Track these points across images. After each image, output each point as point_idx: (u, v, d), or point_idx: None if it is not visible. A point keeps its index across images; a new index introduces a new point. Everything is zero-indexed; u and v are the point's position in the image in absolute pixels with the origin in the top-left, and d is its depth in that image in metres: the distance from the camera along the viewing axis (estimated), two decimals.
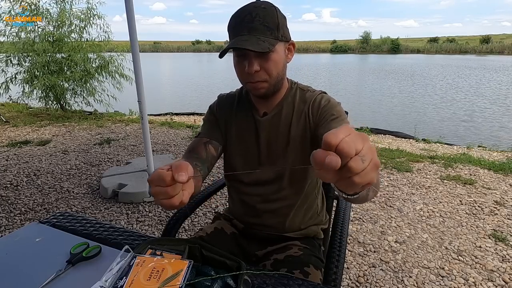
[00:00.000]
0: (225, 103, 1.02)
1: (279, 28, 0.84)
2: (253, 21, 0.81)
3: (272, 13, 0.83)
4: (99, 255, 0.77)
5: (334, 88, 13.25)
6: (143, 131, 2.68)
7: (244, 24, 0.81)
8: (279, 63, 0.86)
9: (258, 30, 0.81)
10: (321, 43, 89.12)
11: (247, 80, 0.87)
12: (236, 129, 0.99)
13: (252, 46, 0.78)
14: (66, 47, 5.84)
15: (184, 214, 1.12)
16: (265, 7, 0.83)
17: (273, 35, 0.82)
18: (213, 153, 0.95)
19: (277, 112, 0.95)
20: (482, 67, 22.81)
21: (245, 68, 0.84)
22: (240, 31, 0.82)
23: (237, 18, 0.83)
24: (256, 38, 0.80)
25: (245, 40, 0.79)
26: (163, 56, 56.34)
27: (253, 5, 0.83)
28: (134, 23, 2.40)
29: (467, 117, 7.60)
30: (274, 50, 0.82)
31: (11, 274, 0.72)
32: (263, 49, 0.79)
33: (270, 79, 0.86)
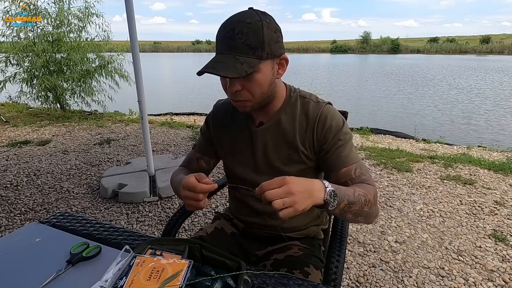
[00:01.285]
0: (220, 113, 1.01)
1: (264, 47, 0.76)
2: (235, 38, 0.74)
3: (257, 30, 0.74)
4: (99, 255, 0.77)
5: (334, 88, 13.26)
6: (143, 131, 2.68)
7: (226, 41, 0.76)
8: (264, 83, 0.80)
9: (238, 49, 0.74)
10: (321, 43, 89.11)
11: (230, 97, 0.85)
12: (231, 139, 0.98)
13: (226, 72, 0.73)
14: (65, 47, 5.84)
15: (184, 214, 1.13)
16: (250, 22, 0.74)
17: (255, 55, 0.75)
18: (205, 166, 1.05)
19: (274, 122, 0.91)
20: (482, 67, 22.78)
21: (227, 86, 0.81)
22: (221, 48, 0.77)
23: (222, 32, 0.77)
24: (234, 60, 0.74)
25: (221, 62, 0.75)
26: (163, 56, 56.34)
27: (238, 19, 0.75)
28: (134, 23, 2.40)
29: (467, 117, 7.60)
30: (258, 70, 0.77)
31: (11, 274, 0.72)
32: (239, 73, 0.73)
33: (253, 99, 0.82)
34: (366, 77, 17.99)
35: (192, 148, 1.08)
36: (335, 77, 17.72)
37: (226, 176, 1.09)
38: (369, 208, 0.80)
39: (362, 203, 0.78)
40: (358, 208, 0.77)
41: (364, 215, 0.81)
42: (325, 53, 69.15)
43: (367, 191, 0.80)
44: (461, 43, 65.74)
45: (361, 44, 70.61)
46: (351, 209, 0.76)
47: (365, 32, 73.37)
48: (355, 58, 43.38)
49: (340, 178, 0.85)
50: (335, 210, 0.73)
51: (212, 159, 1.05)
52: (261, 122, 0.92)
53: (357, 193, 0.77)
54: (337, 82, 15.56)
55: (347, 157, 0.86)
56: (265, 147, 0.92)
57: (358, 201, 0.77)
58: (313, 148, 0.89)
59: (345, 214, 0.76)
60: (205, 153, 1.04)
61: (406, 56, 47.15)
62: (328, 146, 0.87)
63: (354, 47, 70.87)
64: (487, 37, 69.43)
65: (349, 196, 0.75)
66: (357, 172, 0.85)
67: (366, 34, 72.78)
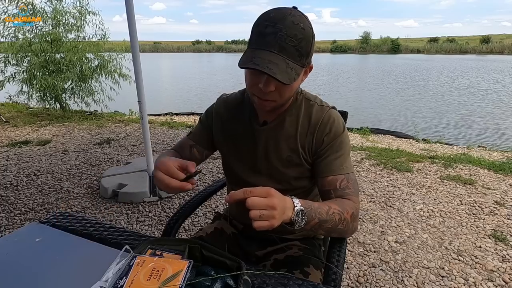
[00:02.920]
0: (224, 108, 0.99)
1: (308, 56, 0.77)
2: (287, 40, 0.72)
3: (309, 38, 0.74)
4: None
5: (334, 88, 13.25)
6: (143, 131, 2.68)
7: (277, 39, 0.72)
8: (295, 89, 0.82)
9: (289, 53, 0.73)
10: (321, 43, 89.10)
11: (256, 93, 0.80)
12: (233, 135, 0.97)
13: (281, 76, 0.71)
14: (64, 47, 5.84)
15: (184, 214, 1.12)
16: (304, 29, 0.73)
17: (301, 62, 0.76)
18: (197, 156, 1.01)
19: (278, 123, 0.90)
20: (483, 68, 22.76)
21: (258, 83, 0.76)
22: (270, 45, 0.72)
23: (271, 26, 0.72)
24: (285, 63, 0.72)
25: (275, 63, 0.71)
26: (163, 56, 56.33)
27: (292, 20, 0.72)
28: (134, 23, 2.40)
29: (467, 117, 7.60)
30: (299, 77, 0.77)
31: (11, 274, 0.72)
32: (290, 80, 0.73)
33: (280, 100, 0.82)
34: (366, 77, 17.99)
35: (187, 135, 1.04)
36: (335, 77, 17.72)
37: (225, 175, 1.09)
38: (344, 226, 0.79)
39: (336, 222, 0.77)
40: (331, 226, 0.77)
41: (338, 232, 0.81)
42: (325, 53, 69.16)
43: (343, 208, 0.79)
44: (461, 43, 65.73)
45: (361, 44, 70.60)
46: (322, 227, 0.76)
47: (365, 32, 73.42)
48: (355, 58, 43.38)
49: (324, 185, 0.85)
50: (305, 226, 0.72)
51: (205, 150, 1.02)
52: (265, 121, 0.92)
53: (332, 211, 0.76)
54: (337, 82, 15.56)
55: (338, 166, 0.85)
56: (266, 147, 0.92)
57: (331, 220, 0.76)
58: (311, 151, 0.89)
59: (317, 231, 0.78)
60: (199, 143, 1.01)
61: (406, 56, 47.15)
62: (322, 151, 0.87)
63: (354, 47, 70.88)
64: (487, 37, 69.42)
65: (322, 214, 0.74)
66: (343, 184, 0.84)
67: (366, 34, 72.78)
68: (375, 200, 2.72)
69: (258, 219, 0.63)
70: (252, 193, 0.65)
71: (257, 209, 0.63)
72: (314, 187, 0.98)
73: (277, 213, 0.65)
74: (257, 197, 0.64)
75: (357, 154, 3.86)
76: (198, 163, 1.00)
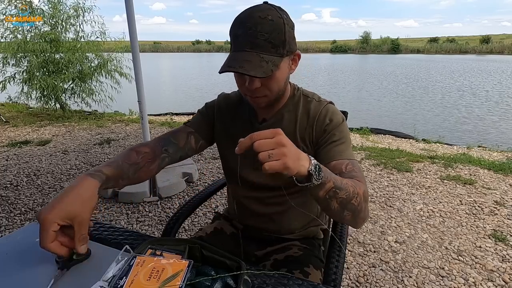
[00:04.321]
0: (225, 105, 1.00)
1: (285, 45, 0.77)
2: (257, 36, 0.74)
3: (279, 28, 0.75)
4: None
5: (334, 88, 13.25)
6: (143, 131, 2.68)
7: (248, 38, 0.74)
8: (281, 79, 0.82)
9: (262, 47, 0.74)
10: (321, 43, 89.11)
11: (246, 93, 0.84)
12: (232, 134, 0.97)
13: (255, 71, 0.73)
14: (63, 47, 5.83)
15: (184, 214, 1.12)
16: (273, 20, 0.74)
17: (278, 53, 0.76)
18: (192, 145, 0.97)
19: (276, 120, 0.91)
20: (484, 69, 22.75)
21: (245, 83, 0.79)
22: (242, 45, 0.75)
23: (241, 27, 0.76)
24: (259, 58, 0.74)
25: (248, 61, 0.73)
26: (163, 56, 56.32)
27: (259, 15, 0.74)
28: (134, 23, 2.40)
29: (467, 117, 7.60)
30: (278, 68, 0.78)
31: (11, 274, 0.72)
32: (266, 73, 0.74)
33: (271, 94, 0.83)
34: (366, 77, 17.99)
35: (184, 124, 1.01)
36: (335, 77, 17.72)
37: (224, 174, 1.09)
38: (358, 204, 0.71)
39: (350, 194, 0.70)
40: (345, 197, 0.69)
41: (352, 211, 0.71)
42: (325, 53, 69.18)
43: (356, 184, 0.73)
44: (461, 43, 65.77)
45: (361, 44, 70.65)
46: (337, 195, 0.68)
47: (365, 32, 73.47)
48: (355, 58, 43.39)
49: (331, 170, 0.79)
50: (319, 191, 0.65)
51: (202, 140, 0.99)
52: (264, 119, 0.93)
53: (345, 182, 0.70)
54: (337, 82, 15.56)
55: (341, 152, 0.84)
56: None
57: (345, 189, 0.69)
58: (312, 142, 0.90)
59: (331, 201, 0.68)
60: (198, 131, 0.98)
61: (406, 56, 47.15)
62: (323, 140, 0.87)
63: (354, 47, 70.92)
64: (487, 37, 69.46)
65: (336, 179, 0.68)
66: (348, 167, 0.80)
67: (366, 34, 72.83)
68: (375, 200, 2.72)
69: (268, 159, 0.58)
70: (258, 136, 0.61)
71: (264, 150, 0.59)
72: None
73: (287, 150, 0.59)
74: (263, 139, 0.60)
75: (357, 154, 3.86)
76: (192, 153, 0.98)
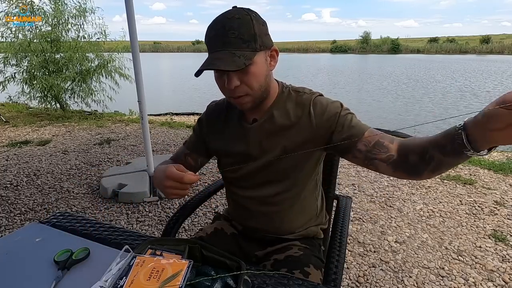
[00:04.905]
0: (214, 114, 1.01)
1: (256, 39, 0.78)
2: (227, 34, 0.76)
3: (247, 24, 0.77)
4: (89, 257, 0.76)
5: (334, 88, 13.25)
6: (143, 131, 2.68)
7: (218, 38, 0.77)
8: (260, 75, 0.82)
9: (232, 44, 0.76)
10: (321, 43, 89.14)
11: (229, 95, 0.84)
12: (225, 139, 0.97)
13: (226, 65, 0.74)
14: (64, 47, 5.83)
15: (184, 214, 1.13)
16: (240, 17, 0.77)
17: (250, 47, 0.77)
18: (191, 163, 1.04)
19: (267, 118, 0.91)
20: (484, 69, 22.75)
21: (225, 84, 0.81)
22: (214, 46, 0.78)
23: (211, 31, 0.79)
24: (230, 54, 0.76)
25: (219, 59, 0.76)
26: (163, 56, 56.32)
27: (226, 16, 0.78)
28: (134, 23, 2.40)
29: (467, 117, 7.59)
30: (253, 62, 0.78)
31: (11, 274, 0.72)
32: (239, 66, 0.75)
33: (252, 92, 0.82)
34: (366, 77, 17.99)
35: (183, 144, 1.08)
36: (335, 77, 17.72)
37: (222, 177, 1.10)
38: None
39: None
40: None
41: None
42: (325, 53, 69.21)
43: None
44: (461, 43, 65.77)
45: (361, 44, 70.65)
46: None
47: (365, 32, 73.46)
48: (355, 58, 43.40)
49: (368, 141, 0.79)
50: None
51: (200, 157, 1.05)
52: (255, 119, 0.93)
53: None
54: (337, 82, 15.56)
55: (361, 125, 0.83)
56: (260, 143, 0.92)
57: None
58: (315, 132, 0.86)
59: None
60: (194, 151, 1.05)
61: (406, 56, 47.16)
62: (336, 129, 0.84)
63: (354, 47, 70.92)
64: (487, 37, 69.45)
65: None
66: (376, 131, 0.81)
67: (366, 34, 72.83)
68: (375, 200, 2.72)
69: None
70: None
71: None
72: (308, 180, 0.97)
73: None
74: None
75: None
76: (194, 171, 1.01)
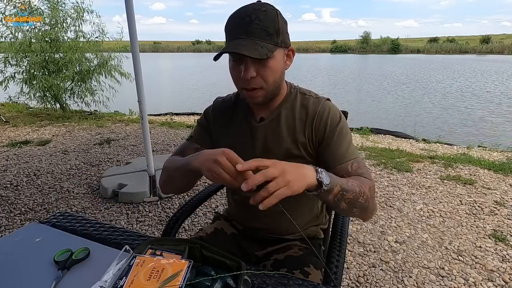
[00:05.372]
0: (221, 109, 1.00)
1: (279, 34, 0.79)
2: (252, 24, 0.76)
3: (273, 17, 0.78)
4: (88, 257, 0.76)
5: (334, 88, 13.25)
6: (143, 131, 2.68)
7: (242, 27, 0.77)
8: (277, 70, 0.82)
9: (256, 34, 0.76)
10: (321, 43, 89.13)
11: (242, 86, 0.83)
12: (231, 135, 0.97)
13: (249, 52, 0.74)
14: (63, 47, 5.83)
15: (184, 214, 1.12)
16: (266, 10, 0.78)
17: (272, 41, 0.78)
18: None
19: (274, 117, 0.91)
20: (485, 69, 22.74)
21: (240, 73, 0.80)
22: (237, 34, 0.77)
23: (235, 19, 0.79)
24: (253, 43, 0.76)
25: (242, 45, 0.75)
26: (163, 56, 56.31)
27: (253, 7, 0.78)
28: (134, 23, 2.40)
29: (467, 117, 7.60)
30: (273, 56, 0.78)
31: (11, 274, 0.72)
32: (261, 55, 0.75)
33: (266, 86, 0.82)
34: (366, 77, 17.99)
35: (187, 139, 1.02)
36: (335, 77, 17.71)
37: None
38: (365, 201, 0.79)
39: (357, 193, 0.77)
40: (353, 197, 0.76)
41: (360, 207, 0.79)
42: (325, 53, 69.22)
43: (361, 182, 0.79)
44: (461, 43, 65.72)
45: (361, 44, 70.57)
46: (345, 196, 0.74)
47: (365, 32, 73.34)
48: (355, 58, 43.40)
49: (337, 173, 0.84)
50: (328, 195, 0.72)
51: None
52: (262, 117, 0.93)
53: (350, 182, 0.77)
54: (336, 82, 15.55)
55: (345, 153, 0.86)
56: (265, 143, 0.92)
57: (352, 190, 0.76)
58: (312, 142, 0.90)
59: (339, 203, 0.75)
60: (204, 145, 0.99)
61: (406, 56, 47.15)
62: (325, 140, 0.88)
63: (354, 47, 70.86)
64: (487, 37, 69.38)
65: (342, 182, 0.74)
66: (354, 166, 0.85)
67: (366, 34, 72.74)
68: (375, 200, 2.71)
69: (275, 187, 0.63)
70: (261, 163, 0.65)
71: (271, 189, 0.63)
72: None
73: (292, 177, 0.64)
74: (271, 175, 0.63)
75: None
76: None
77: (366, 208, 0.81)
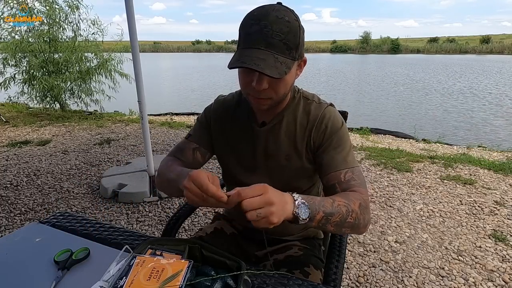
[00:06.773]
0: (222, 109, 0.97)
1: (298, 48, 0.76)
2: (273, 35, 0.71)
3: (295, 31, 0.74)
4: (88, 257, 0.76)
5: (334, 88, 13.25)
6: (143, 131, 2.68)
7: (262, 36, 0.71)
8: (289, 84, 0.80)
9: (277, 48, 0.72)
10: (321, 43, 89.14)
11: (251, 93, 0.80)
12: (232, 137, 0.95)
13: (271, 71, 0.70)
14: (62, 47, 5.82)
15: (184, 214, 1.12)
16: (289, 21, 0.73)
17: (291, 55, 0.75)
18: (199, 160, 0.97)
19: (276, 122, 0.89)
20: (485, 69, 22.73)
21: (251, 82, 0.76)
22: (256, 43, 0.72)
23: (256, 24, 0.72)
24: (273, 58, 0.72)
25: (262, 59, 0.71)
26: (163, 56, 56.28)
27: (276, 15, 0.72)
28: (134, 23, 2.40)
29: (467, 117, 7.60)
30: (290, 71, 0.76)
31: (11, 274, 0.72)
32: (280, 74, 0.72)
33: (275, 97, 0.80)
34: (366, 77, 17.98)
35: (186, 138, 0.99)
36: (335, 77, 17.71)
37: (222, 177, 1.07)
38: (354, 219, 0.75)
39: (343, 214, 0.73)
40: (339, 220, 0.73)
41: (349, 227, 0.75)
42: (325, 53, 69.22)
43: (349, 200, 0.75)
44: (461, 43, 65.71)
45: (361, 44, 70.58)
46: (330, 220, 0.71)
47: (365, 32, 73.36)
48: (355, 58, 43.39)
49: (329, 181, 0.83)
50: (311, 223, 0.70)
51: (208, 152, 0.99)
52: (264, 122, 0.91)
53: (337, 203, 0.73)
54: (337, 82, 15.55)
55: (340, 161, 0.84)
56: (266, 147, 0.91)
57: (337, 212, 0.72)
58: (312, 148, 0.89)
59: (325, 227, 0.72)
60: (202, 144, 0.97)
61: (406, 56, 47.14)
62: (322, 147, 0.86)
63: (354, 47, 70.88)
64: (487, 37, 69.38)
65: (326, 207, 0.71)
66: (347, 176, 0.82)
67: (366, 34, 72.74)
68: (375, 200, 2.72)
69: (256, 218, 0.61)
70: (247, 194, 0.62)
71: (253, 209, 0.61)
72: (312, 188, 0.98)
73: (275, 208, 0.62)
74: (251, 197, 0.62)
75: (357, 154, 3.85)
76: (200, 166, 0.97)
77: (357, 225, 0.77)
